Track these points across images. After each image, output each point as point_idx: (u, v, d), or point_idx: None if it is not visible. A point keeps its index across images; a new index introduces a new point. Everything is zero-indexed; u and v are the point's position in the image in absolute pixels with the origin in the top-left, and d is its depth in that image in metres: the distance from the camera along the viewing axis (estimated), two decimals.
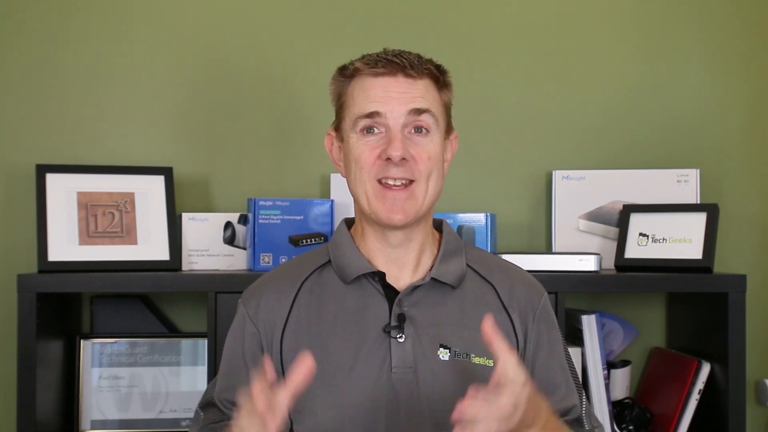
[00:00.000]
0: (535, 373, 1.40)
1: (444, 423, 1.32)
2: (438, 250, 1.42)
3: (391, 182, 1.34)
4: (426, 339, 1.35)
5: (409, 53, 1.37)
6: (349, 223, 1.48)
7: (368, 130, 1.34)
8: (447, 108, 1.41)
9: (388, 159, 1.32)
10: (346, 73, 1.39)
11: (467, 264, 1.43)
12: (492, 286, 1.42)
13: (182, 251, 2.01)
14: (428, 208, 1.38)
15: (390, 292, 1.38)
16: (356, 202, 1.39)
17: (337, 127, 1.41)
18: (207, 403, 1.44)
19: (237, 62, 2.18)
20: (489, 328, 1.18)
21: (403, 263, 1.40)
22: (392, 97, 1.34)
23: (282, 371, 1.36)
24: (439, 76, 1.38)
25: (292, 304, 1.39)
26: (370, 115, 1.34)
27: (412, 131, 1.35)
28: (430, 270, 1.39)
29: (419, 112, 1.34)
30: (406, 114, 1.33)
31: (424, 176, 1.35)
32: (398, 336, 1.34)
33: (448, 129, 1.41)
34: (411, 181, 1.34)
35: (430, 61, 1.39)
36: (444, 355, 1.35)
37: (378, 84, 1.35)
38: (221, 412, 1.40)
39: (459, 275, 1.40)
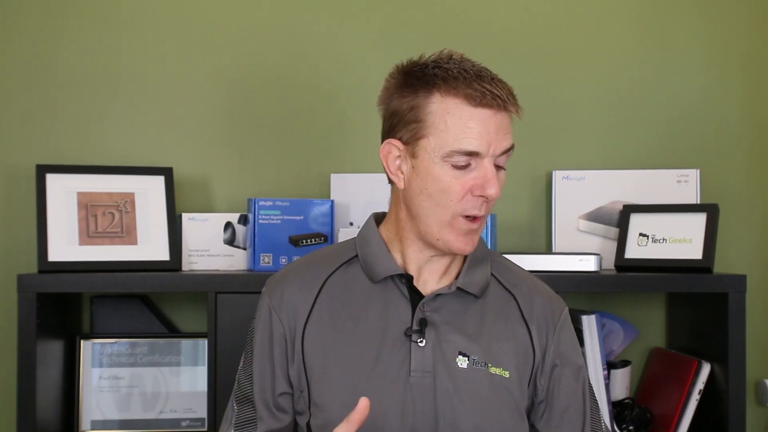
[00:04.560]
0: (558, 392, 1.41)
1: (459, 429, 1.33)
2: (465, 257, 1.42)
3: (472, 217, 1.32)
4: (446, 345, 1.35)
5: (499, 80, 1.32)
6: (378, 218, 1.45)
7: (459, 164, 1.30)
8: None
9: (482, 196, 1.30)
10: (422, 87, 1.31)
11: (491, 273, 1.43)
12: (513, 297, 1.43)
13: (182, 251, 2.01)
14: None
15: (415, 296, 1.38)
16: (419, 222, 1.35)
17: (409, 140, 1.33)
18: (244, 398, 1.41)
19: (237, 62, 2.18)
20: None
21: (434, 269, 1.40)
22: (492, 136, 1.29)
23: (303, 364, 1.37)
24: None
25: (316, 298, 1.39)
26: (468, 153, 1.29)
27: (495, 165, 1.32)
28: (457, 278, 1.40)
29: (509, 149, 1.33)
30: (500, 153, 1.31)
31: (491, 207, 1.35)
32: (419, 340, 1.35)
33: None
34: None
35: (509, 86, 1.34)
36: (462, 362, 1.35)
37: (479, 117, 1.29)
38: (255, 410, 1.40)
39: (483, 285, 1.41)
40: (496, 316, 1.40)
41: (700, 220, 1.99)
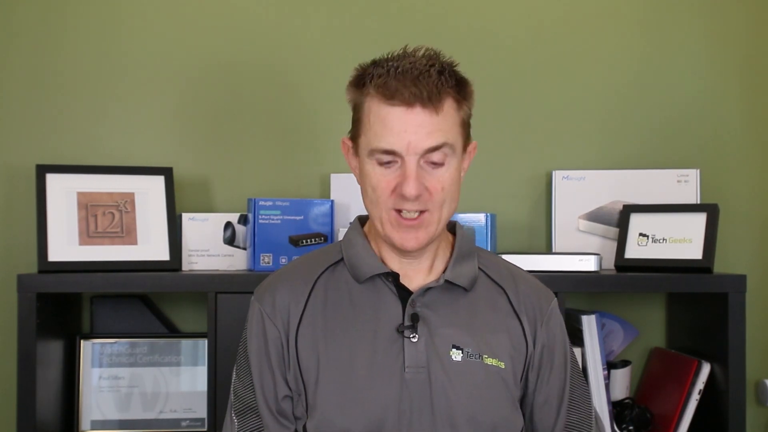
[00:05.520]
0: (541, 384, 1.42)
1: (456, 423, 1.33)
2: (451, 253, 1.42)
3: (405, 214, 1.32)
4: (439, 339, 1.36)
5: (429, 71, 1.29)
6: (363, 220, 1.46)
7: (383, 161, 1.31)
8: (465, 124, 1.36)
9: (402, 195, 1.30)
10: (360, 85, 1.34)
11: (479, 268, 1.44)
12: (503, 290, 1.43)
13: (182, 251, 2.01)
14: (440, 231, 1.37)
15: (403, 293, 1.38)
16: (371, 219, 1.38)
17: (353, 137, 1.37)
18: (246, 409, 1.40)
19: (237, 62, 2.18)
20: None
21: (418, 268, 1.41)
22: (409, 133, 1.28)
23: (299, 367, 1.37)
24: (459, 97, 1.33)
25: (307, 301, 1.39)
26: (385, 151, 1.30)
27: (428, 163, 1.31)
28: (444, 272, 1.40)
29: (436, 148, 1.30)
30: (421, 152, 1.29)
31: (437, 206, 1.33)
32: (411, 336, 1.35)
33: (466, 144, 1.38)
34: (424, 210, 1.32)
35: (453, 75, 1.32)
36: (456, 355, 1.36)
37: (393, 115, 1.29)
38: (260, 418, 1.39)
39: (472, 278, 1.41)
40: (488, 308, 1.40)
41: (700, 220, 1.99)
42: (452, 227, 1.47)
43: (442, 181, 1.32)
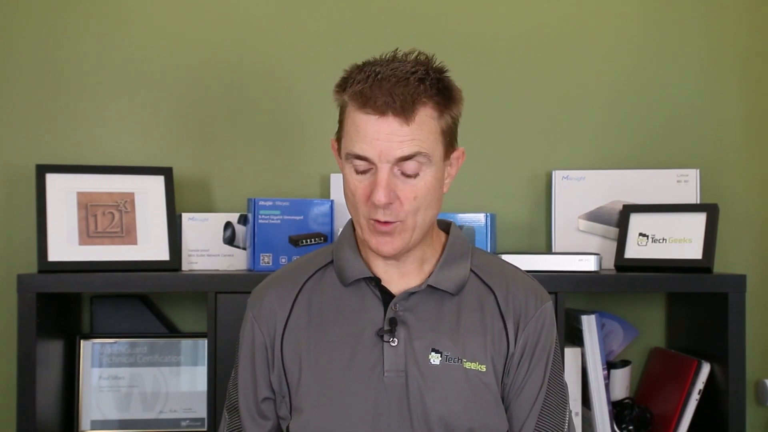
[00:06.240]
0: (513, 387, 1.40)
1: (432, 426, 1.33)
2: (440, 256, 1.42)
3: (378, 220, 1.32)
4: (418, 343, 1.36)
5: (408, 79, 1.28)
6: None
7: (359, 168, 1.31)
8: (447, 132, 1.33)
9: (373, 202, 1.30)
10: (343, 89, 1.33)
11: (471, 269, 1.42)
12: (492, 291, 1.41)
13: (182, 251, 2.01)
14: (419, 238, 1.36)
15: (387, 297, 1.38)
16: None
17: (338, 138, 1.37)
18: (232, 408, 1.46)
19: (237, 62, 2.18)
20: None
21: (404, 271, 1.40)
22: (381, 141, 1.28)
23: (283, 370, 1.39)
24: (441, 105, 1.31)
25: (293, 305, 1.41)
26: (358, 157, 1.30)
27: (403, 173, 1.30)
28: (429, 276, 1.39)
29: (408, 157, 1.29)
30: (393, 161, 1.29)
31: (411, 214, 1.31)
32: (390, 340, 1.35)
33: (449, 151, 1.35)
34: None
35: (437, 83, 1.30)
36: (435, 359, 1.36)
37: (367, 123, 1.28)
38: (240, 419, 1.44)
39: (459, 283, 1.40)
40: (473, 311, 1.39)
41: (700, 220, 1.99)
42: (447, 227, 1.46)
43: (416, 190, 1.31)
